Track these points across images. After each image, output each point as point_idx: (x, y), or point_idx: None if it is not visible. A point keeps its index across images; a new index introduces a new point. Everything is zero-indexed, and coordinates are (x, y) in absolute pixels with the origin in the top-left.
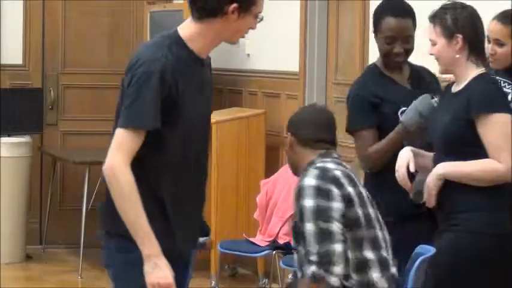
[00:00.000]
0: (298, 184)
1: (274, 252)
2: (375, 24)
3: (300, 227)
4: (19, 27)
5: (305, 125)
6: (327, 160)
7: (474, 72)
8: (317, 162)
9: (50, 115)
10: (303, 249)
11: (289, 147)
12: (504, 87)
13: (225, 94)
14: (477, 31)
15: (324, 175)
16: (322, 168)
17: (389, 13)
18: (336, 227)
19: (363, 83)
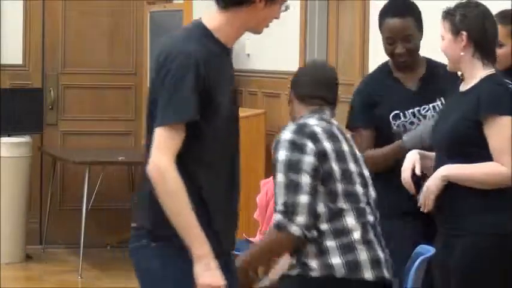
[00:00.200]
0: (276, 138)
1: None
2: (379, 25)
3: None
4: (19, 27)
5: (303, 81)
6: (313, 116)
7: (482, 72)
8: (304, 118)
9: (50, 115)
10: None
11: (288, 103)
12: None
13: None
14: (484, 30)
15: (300, 130)
16: (300, 124)
17: (389, 14)
18: (305, 179)
19: (367, 81)
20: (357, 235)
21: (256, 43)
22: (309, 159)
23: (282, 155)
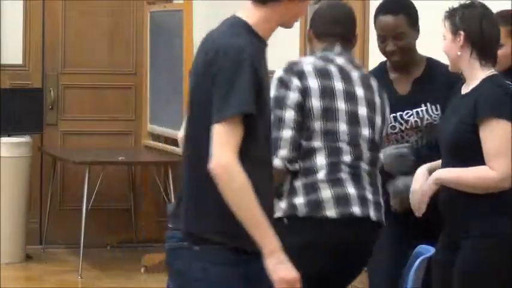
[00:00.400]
0: None
1: None
2: (374, 23)
3: None
4: (19, 27)
5: (318, 19)
6: (316, 55)
7: (481, 72)
8: (315, 55)
9: (50, 115)
10: None
11: (308, 41)
12: None
13: None
14: (482, 31)
15: (290, 68)
16: (291, 62)
17: (382, 11)
18: (288, 114)
19: None
20: (321, 174)
21: None
22: (293, 95)
23: (272, 93)
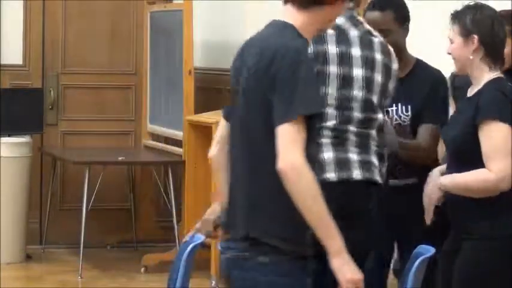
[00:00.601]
0: None
1: None
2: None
3: None
4: (19, 27)
5: None
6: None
7: (487, 75)
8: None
9: (50, 115)
10: None
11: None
12: None
13: (225, 94)
14: (494, 34)
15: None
16: None
17: (369, 7)
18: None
19: None
20: None
21: None
22: None
23: None
